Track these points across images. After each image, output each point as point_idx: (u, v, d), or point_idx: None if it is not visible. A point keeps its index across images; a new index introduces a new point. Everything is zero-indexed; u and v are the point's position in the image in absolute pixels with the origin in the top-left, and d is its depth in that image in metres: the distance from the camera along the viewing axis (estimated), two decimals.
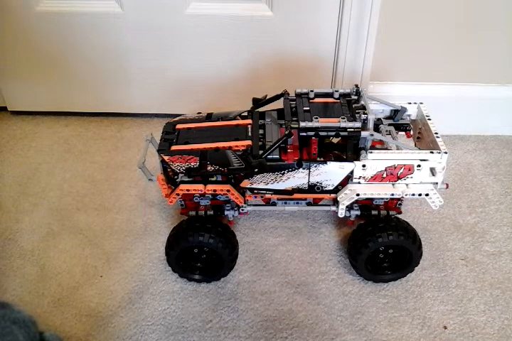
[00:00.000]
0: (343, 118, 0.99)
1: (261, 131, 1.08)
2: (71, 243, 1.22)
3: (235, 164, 1.02)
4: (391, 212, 1.12)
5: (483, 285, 1.12)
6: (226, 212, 1.12)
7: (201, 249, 1.08)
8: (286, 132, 1.00)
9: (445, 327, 1.05)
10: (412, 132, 1.16)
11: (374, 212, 1.11)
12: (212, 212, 1.12)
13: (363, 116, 1.00)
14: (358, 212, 1.11)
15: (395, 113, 1.14)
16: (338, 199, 1.05)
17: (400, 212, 1.14)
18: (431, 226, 1.26)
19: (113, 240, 1.23)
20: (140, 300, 1.09)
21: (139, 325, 1.05)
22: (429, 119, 1.09)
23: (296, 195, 1.07)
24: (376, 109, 1.13)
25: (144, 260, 1.18)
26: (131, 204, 1.32)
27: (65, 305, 1.09)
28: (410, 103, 1.14)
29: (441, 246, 1.21)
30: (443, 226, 1.26)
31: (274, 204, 1.13)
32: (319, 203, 1.14)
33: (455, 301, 1.09)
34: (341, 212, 1.06)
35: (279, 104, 1.13)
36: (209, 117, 1.14)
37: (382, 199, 1.10)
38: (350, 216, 1.12)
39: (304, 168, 1.02)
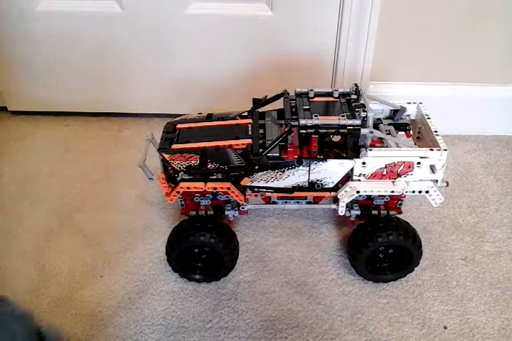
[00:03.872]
0: (343, 116, 0.99)
1: (261, 131, 1.08)
2: (71, 243, 1.22)
3: (236, 162, 1.02)
4: (391, 212, 1.12)
5: (483, 285, 1.12)
6: (226, 212, 1.12)
7: (202, 248, 1.07)
8: (286, 129, 1.00)
9: (445, 327, 1.04)
10: (411, 132, 1.16)
11: (374, 212, 1.11)
12: (212, 212, 1.12)
13: (363, 114, 1.00)
14: (358, 212, 1.11)
15: (395, 113, 1.14)
16: (338, 196, 1.04)
17: (400, 212, 1.14)
18: (431, 226, 1.26)
19: (113, 240, 1.22)
20: (140, 300, 1.09)
21: (139, 325, 1.05)
22: (429, 118, 1.09)
23: (296, 194, 1.06)
24: (376, 109, 1.13)
25: (143, 260, 1.18)
26: (131, 204, 1.32)
27: (65, 305, 1.09)
28: (410, 103, 1.14)
29: (441, 246, 1.21)
30: (443, 226, 1.26)
31: (274, 203, 1.12)
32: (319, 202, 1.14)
33: (455, 301, 1.09)
34: (341, 210, 1.06)
35: (279, 104, 1.13)
36: (209, 117, 1.14)
37: (382, 198, 1.10)
38: (350, 216, 1.11)
39: (304, 166, 1.02)
